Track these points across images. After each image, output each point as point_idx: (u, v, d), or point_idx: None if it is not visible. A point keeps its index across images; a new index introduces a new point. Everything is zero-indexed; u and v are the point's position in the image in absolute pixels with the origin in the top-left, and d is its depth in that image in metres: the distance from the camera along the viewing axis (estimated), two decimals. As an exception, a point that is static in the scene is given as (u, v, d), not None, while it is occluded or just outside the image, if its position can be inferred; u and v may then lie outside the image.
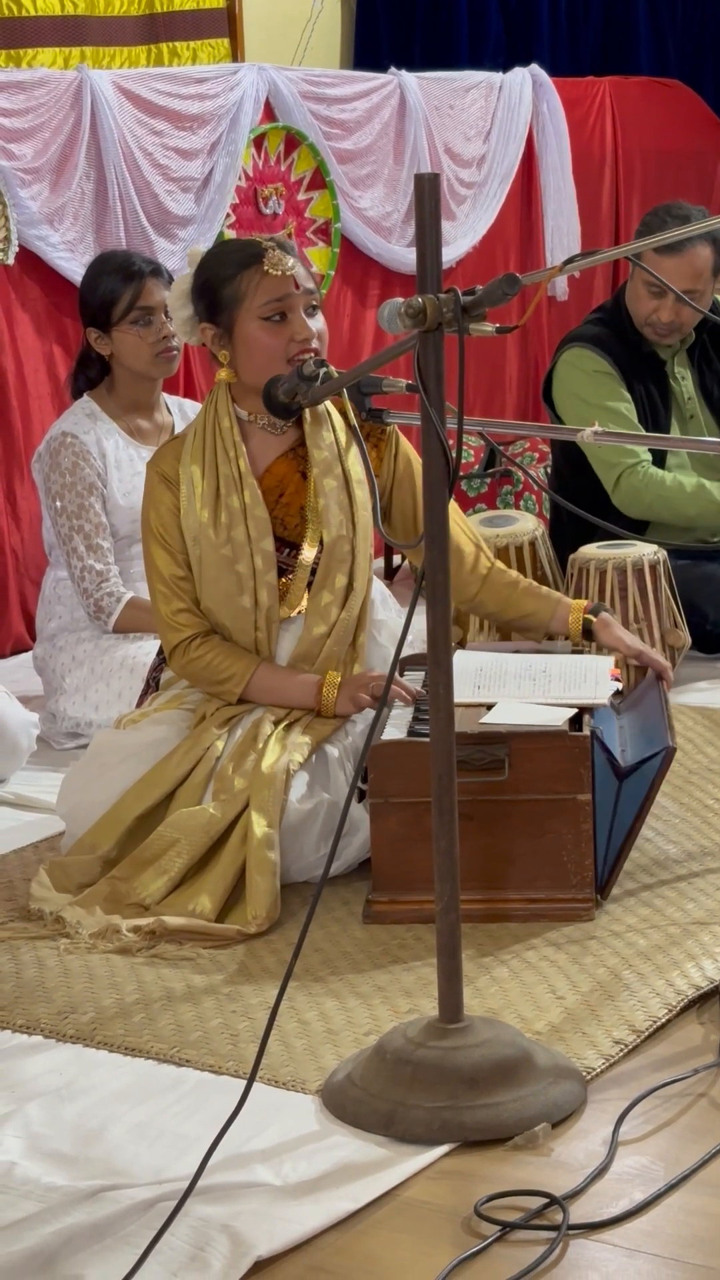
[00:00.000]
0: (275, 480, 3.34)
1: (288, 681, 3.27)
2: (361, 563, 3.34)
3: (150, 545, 3.34)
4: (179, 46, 6.43)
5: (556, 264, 3.53)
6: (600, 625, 3.39)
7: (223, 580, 3.28)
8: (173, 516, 3.31)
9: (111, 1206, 2.19)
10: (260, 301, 3.25)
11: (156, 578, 3.33)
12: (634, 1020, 2.62)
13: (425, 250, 2.34)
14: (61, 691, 4.18)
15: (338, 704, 3.24)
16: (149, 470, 3.36)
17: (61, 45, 5.97)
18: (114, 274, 4.23)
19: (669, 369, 4.76)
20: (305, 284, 3.27)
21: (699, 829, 3.40)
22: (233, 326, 3.28)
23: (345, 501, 3.32)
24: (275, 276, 3.25)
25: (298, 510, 3.33)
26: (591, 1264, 2.07)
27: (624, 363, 4.67)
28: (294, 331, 3.25)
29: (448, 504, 2.38)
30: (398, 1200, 2.22)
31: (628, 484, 4.59)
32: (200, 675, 3.30)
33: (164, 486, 3.32)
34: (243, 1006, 2.73)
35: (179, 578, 3.32)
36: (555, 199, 7.00)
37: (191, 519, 3.29)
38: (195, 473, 3.29)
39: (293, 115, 5.87)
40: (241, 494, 3.29)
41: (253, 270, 3.26)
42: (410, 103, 6.32)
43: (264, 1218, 2.15)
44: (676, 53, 8.36)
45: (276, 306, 3.25)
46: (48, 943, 3.00)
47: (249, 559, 3.27)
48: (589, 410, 4.61)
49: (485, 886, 3.01)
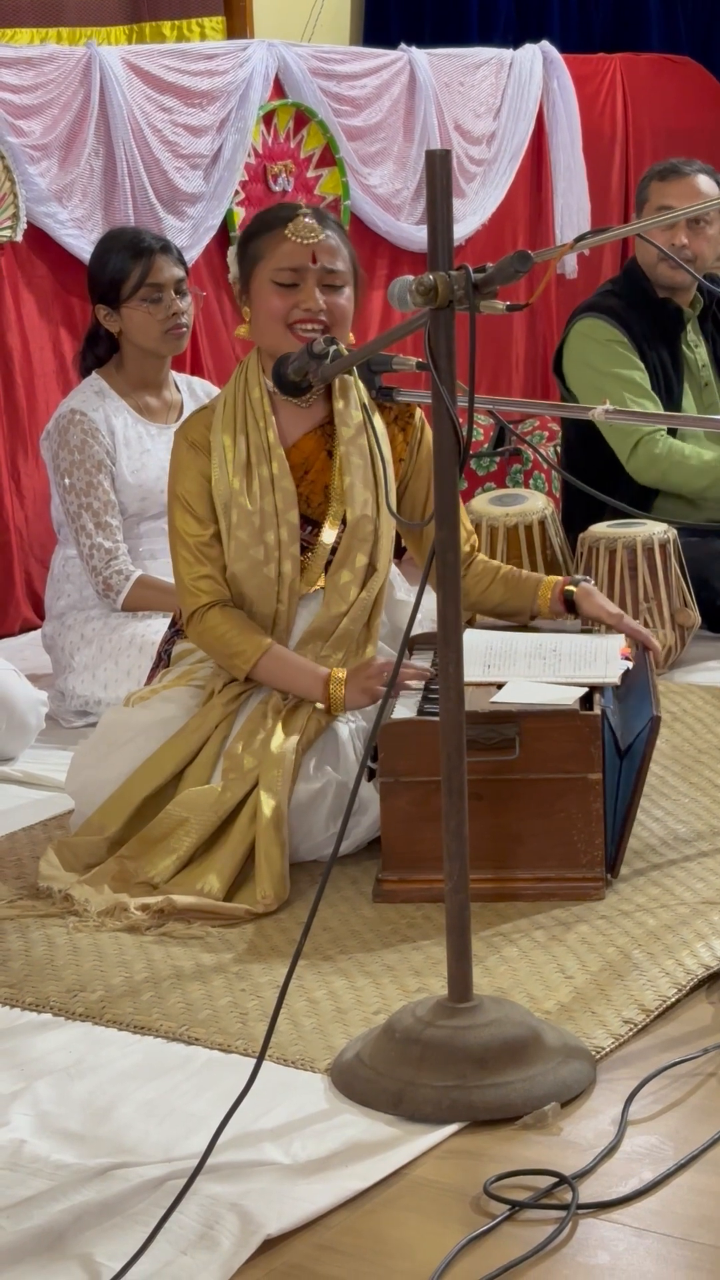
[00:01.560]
0: (301, 456, 3.33)
1: (295, 672, 3.24)
2: (384, 543, 3.33)
3: (175, 511, 3.32)
4: (163, 26, 6.38)
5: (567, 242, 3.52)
6: (582, 595, 3.37)
7: (253, 548, 3.27)
8: (201, 483, 3.29)
9: (121, 1184, 2.19)
10: (275, 265, 3.25)
11: (180, 543, 3.31)
12: (643, 1000, 2.61)
13: (436, 227, 2.33)
14: (70, 669, 4.18)
15: (347, 699, 3.20)
16: (177, 438, 3.35)
17: (39, 26, 5.91)
18: (123, 251, 4.22)
19: (683, 337, 4.75)
20: (327, 260, 3.25)
21: (709, 808, 3.39)
22: (249, 283, 3.28)
23: (371, 479, 3.31)
24: (294, 243, 3.24)
25: (322, 489, 3.32)
26: (601, 1243, 2.07)
27: (637, 332, 4.67)
28: (301, 299, 3.24)
29: (458, 482, 2.37)
30: (407, 1179, 2.22)
31: (645, 451, 4.57)
32: (213, 645, 3.29)
33: (193, 452, 3.30)
34: (252, 985, 2.73)
35: (203, 543, 3.29)
36: (565, 176, 6.98)
37: (224, 486, 3.27)
38: (226, 441, 3.28)
39: (302, 92, 5.86)
40: (270, 464, 3.28)
41: (277, 232, 3.25)
42: (420, 79, 6.30)
43: (273, 1196, 2.15)
44: (688, 29, 8.33)
45: (289, 275, 3.24)
46: (57, 921, 3.00)
47: (276, 529, 3.26)
48: (601, 379, 4.61)
49: (495, 866, 3.01)
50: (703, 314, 4.82)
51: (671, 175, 4.72)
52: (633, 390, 4.57)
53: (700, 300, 4.79)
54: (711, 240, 4.71)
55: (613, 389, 4.54)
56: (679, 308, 4.73)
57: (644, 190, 4.80)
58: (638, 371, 4.63)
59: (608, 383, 4.57)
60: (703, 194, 4.70)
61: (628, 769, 3.06)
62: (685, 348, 4.76)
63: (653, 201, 4.75)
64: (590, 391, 4.62)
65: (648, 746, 3.01)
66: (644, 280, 4.73)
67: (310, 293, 3.24)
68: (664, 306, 4.72)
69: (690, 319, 4.78)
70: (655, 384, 4.65)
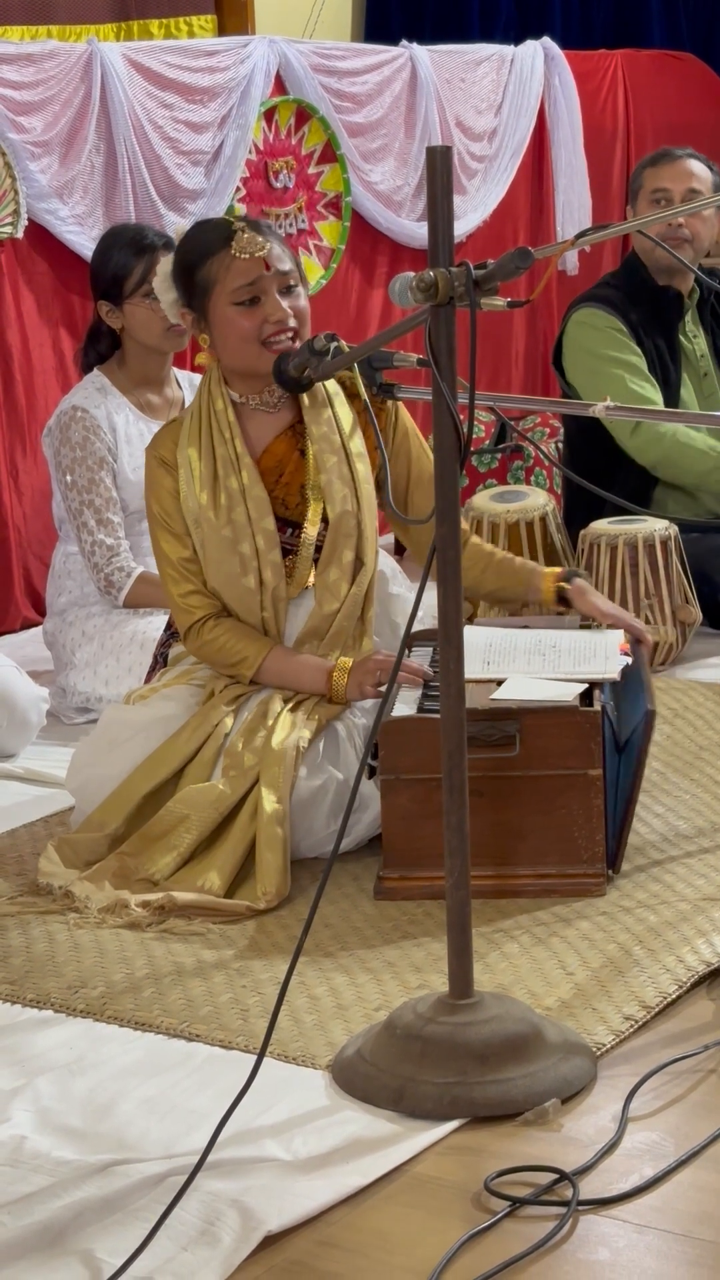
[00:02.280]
0: (274, 460, 3.32)
1: (299, 667, 3.26)
2: (369, 536, 3.33)
3: (155, 530, 3.33)
4: (151, 24, 6.38)
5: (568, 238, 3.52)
6: (575, 592, 3.37)
7: (226, 562, 3.27)
8: (174, 500, 3.30)
9: (122, 1181, 2.19)
10: (231, 286, 3.23)
11: (164, 561, 3.33)
12: (644, 996, 2.61)
13: (437, 223, 2.33)
14: (71, 666, 4.18)
15: (347, 690, 3.23)
16: (148, 455, 3.35)
17: (29, 24, 5.91)
18: (126, 248, 4.22)
19: (681, 327, 4.76)
20: (278, 264, 3.24)
21: (710, 804, 3.39)
22: (207, 311, 3.27)
23: (348, 476, 3.31)
24: (244, 260, 3.22)
25: (298, 489, 3.32)
26: (601, 1240, 2.07)
27: (634, 320, 4.68)
28: (267, 313, 3.23)
29: (459, 479, 2.37)
30: (407, 1176, 2.22)
31: (650, 429, 4.56)
32: (214, 657, 3.30)
33: (163, 470, 3.31)
34: (253, 981, 2.73)
35: (185, 560, 3.31)
36: (566, 173, 6.97)
37: (191, 502, 3.28)
38: (192, 455, 3.29)
39: (303, 88, 5.85)
40: (239, 475, 3.28)
41: (222, 254, 3.23)
42: (421, 76, 6.30)
43: (274, 1193, 2.15)
44: (689, 25, 8.33)
45: (248, 291, 3.23)
46: (58, 917, 3.00)
47: (251, 539, 3.27)
48: (601, 365, 4.61)
49: (497, 862, 3.01)
50: (701, 304, 4.83)
51: (663, 160, 4.77)
52: (632, 374, 4.57)
53: (698, 289, 4.80)
54: (707, 220, 4.74)
55: (612, 374, 4.55)
56: (679, 294, 4.74)
57: (637, 178, 4.84)
58: (636, 356, 4.64)
59: (606, 367, 4.58)
60: (694, 175, 4.76)
61: (625, 764, 3.07)
62: (683, 337, 4.77)
63: (646, 186, 4.77)
64: (589, 378, 4.62)
65: (644, 741, 3.01)
66: (642, 269, 4.74)
67: (274, 304, 3.23)
68: (664, 293, 4.73)
69: (689, 308, 4.79)
70: (653, 372, 4.66)
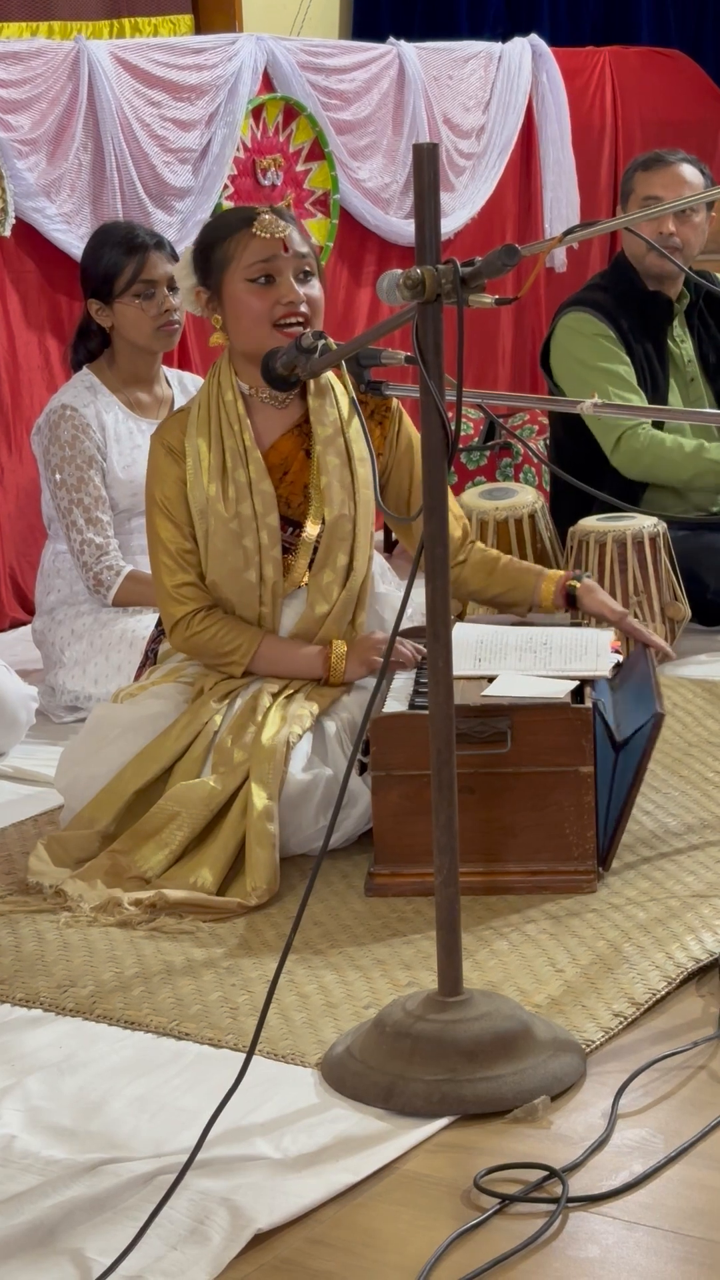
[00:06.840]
0: (280, 458, 3.32)
1: (294, 653, 3.27)
2: (362, 541, 3.33)
3: (155, 517, 3.32)
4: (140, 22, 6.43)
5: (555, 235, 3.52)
6: (584, 591, 3.38)
7: (230, 554, 3.27)
8: (179, 489, 3.29)
9: (111, 1180, 2.19)
10: (247, 262, 3.24)
11: (161, 550, 3.31)
12: (633, 993, 2.62)
13: (424, 220, 2.33)
14: (61, 665, 4.17)
15: (347, 670, 3.25)
16: (153, 442, 3.34)
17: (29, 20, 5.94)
18: (117, 246, 4.21)
19: (669, 331, 4.75)
20: (297, 249, 3.25)
21: (699, 802, 3.40)
22: (221, 289, 3.27)
23: (348, 479, 3.31)
24: (263, 239, 3.24)
25: (301, 489, 3.32)
26: (591, 1236, 2.07)
27: (623, 326, 4.67)
28: (280, 294, 3.24)
29: (446, 476, 2.37)
30: (397, 1173, 2.22)
31: (628, 445, 4.57)
32: (204, 649, 3.29)
33: (170, 459, 3.30)
34: (242, 980, 2.73)
35: (185, 550, 3.30)
36: (554, 170, 6.97)
37: (199, 492, 3.27)
38: (201, 445, 3.28)
39: (291, 86, 5.85)
40: (247, 468, 3.28)
41: (243, 233, 3.25)
42: (409, 73, 6.30)
43: (264, 1191, 2.15)
44: (677, 22, 8.33)
45: (263, 268, 3.24)
46: (47, 916, 3.00)
47: (255, 534, 3.26)
48: (588, 373, 4.61)
49: (487, 859, 3.01)
50: (689, 309, 4.82)
51: (656, 165, 4.72)
52: (618, 385, 4.57)
53: (687, 294, 4.79)
54: (698, 228, 4.72)
55: (598, 383, 4.54)
56: (668, 299, 4.73)
57: (629, 181, 4.81)
58: (623, 366, 4.63)
59: (594, 377, 4.57)
60: (687, 182, 4.70)
61: (625, 763, 3.06)
62: (671, 342, 4.76)
63: (638, 192, 4.74)
64: (576, 385, 4.62)
65: (649, 742, 3.01)
66: (632, 273, 4.73)
67: (288, 285, 3.24)
68: (653, 299, 4.72)
69: (678, 313, 4.78)
70: (641, 378, 4.65)
